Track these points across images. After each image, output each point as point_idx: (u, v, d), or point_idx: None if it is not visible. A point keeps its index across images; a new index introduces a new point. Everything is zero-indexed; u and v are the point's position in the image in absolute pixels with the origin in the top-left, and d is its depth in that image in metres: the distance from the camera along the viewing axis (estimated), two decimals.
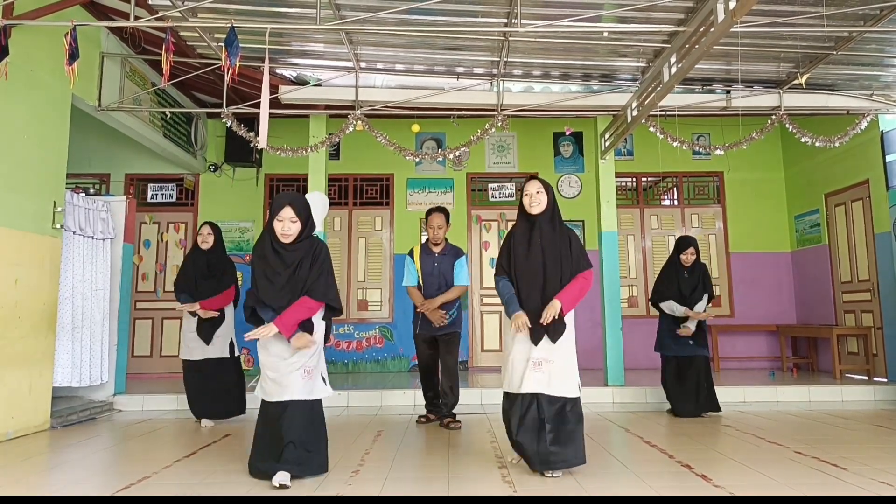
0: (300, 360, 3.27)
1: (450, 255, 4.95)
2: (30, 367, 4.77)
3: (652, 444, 4.16)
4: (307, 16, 5.13)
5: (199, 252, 5.00)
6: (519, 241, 3.51)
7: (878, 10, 4.89)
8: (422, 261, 4.94)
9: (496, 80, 6.31)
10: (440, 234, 4.92)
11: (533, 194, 3.49)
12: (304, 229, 3.30)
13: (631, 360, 7.44)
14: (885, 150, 6.74)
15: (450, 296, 4.84)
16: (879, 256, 6.82)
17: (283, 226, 3.24)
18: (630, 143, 8.71)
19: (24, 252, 4.75)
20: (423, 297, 4.89)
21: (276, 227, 3.25)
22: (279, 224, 3.24)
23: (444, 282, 4.90)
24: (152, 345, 8.12)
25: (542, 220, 3.48)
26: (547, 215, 3.49)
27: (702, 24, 4.45)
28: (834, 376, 7.01)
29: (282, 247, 3.27)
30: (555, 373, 3.33)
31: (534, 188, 3.51)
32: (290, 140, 7.11)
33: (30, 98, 4.88)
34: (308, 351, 3.28)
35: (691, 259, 5.33)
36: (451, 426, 4.79)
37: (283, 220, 3.24)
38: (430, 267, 4.92)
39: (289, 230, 3.24)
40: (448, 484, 3.21)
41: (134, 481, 3.29)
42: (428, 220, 4.97)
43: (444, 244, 4.98)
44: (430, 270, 4.91)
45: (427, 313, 4.82)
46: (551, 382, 3.32)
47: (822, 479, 3.22)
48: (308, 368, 3.28)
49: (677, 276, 5.34)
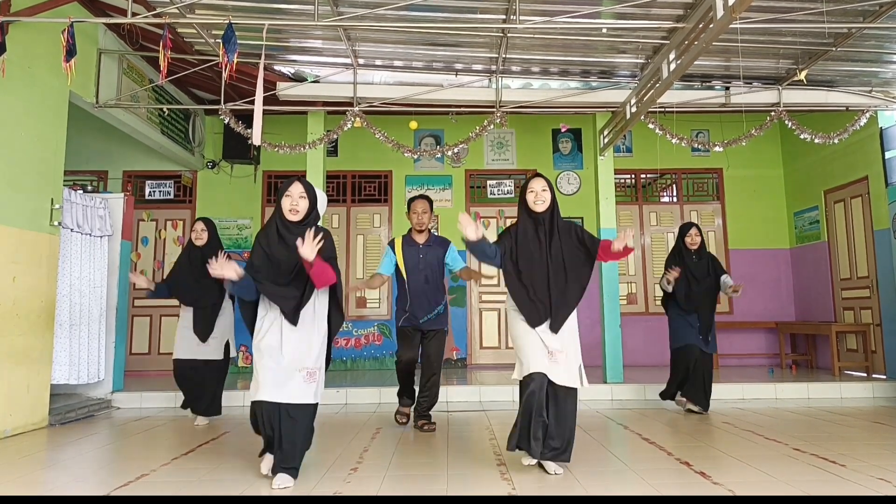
0: (302, 361, 3.16)
1: (435, 245, 4.71)
2: (28, 365, 4.76)
3: (651, 441, 4.16)
4: (305, 12, 5.12)
5: (195, 249, 4.95)
6: (529, 238, 3.46)
7: (877, 7, 4.88)
8: (405, 253, 4.67)
9: (495, 76, 6.30)
10: (424, 218, 4.67)
11: (538, 192, 3.47)
12: (311, 210, 3.26)
13: (630, 357, 7.45)
14: (884, 146, 6.74)
15: (466, 274, 4.72)
16: (878, 253, 6.81)
17: (291, 201, 3.19)
18: (629, 140, 8.70)
19: (21, 250, 4.74)
20: (411, 291, 4.63)
21: (285, 204, 3.20)
22: (287, 200, 3.19)
23: (432, 274, 4.65)
24: (150, 342, 8.12)
25: (546, 218, 3.48)
26: (549, 212, 3.49)
27: (701, 21, 4.44)
28: (833, 373, 7.02)
29: (287, 227, 3.20)
30: (563, 363, 3.34)
31: (539, 186, 3.49)
32: (289, 137, 7.10)
33: (27, 95, 4.86)
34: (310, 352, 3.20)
35: (697, 241, 5.23)
36: (424, 429, 4.57)
37: (292, 195, 3.20)
38: (416, 259, 4.64)
39: (297, 205, 3.20)
40: (447, 482, 3.21)
41: (132, 479, 3.28)
42: (411, 206, 4.72)
43: (428, 234, 4.74)
44: (415, 263, 4.64)
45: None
46: (562, 374, 3.32)
47: (820, 476, 3.22)
48: (310, 371, 3.19)
49: (685, 261, 5.22)
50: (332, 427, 4.75)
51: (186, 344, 4.89)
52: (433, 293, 4.66)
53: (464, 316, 8.30)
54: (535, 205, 3.46)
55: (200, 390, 4.91)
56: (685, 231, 5.31)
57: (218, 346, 4.94)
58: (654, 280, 8.33)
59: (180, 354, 4.91)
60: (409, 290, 4.65)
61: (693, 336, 5.18)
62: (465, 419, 5.08)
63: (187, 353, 4.88)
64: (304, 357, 3.18)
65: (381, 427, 4.77)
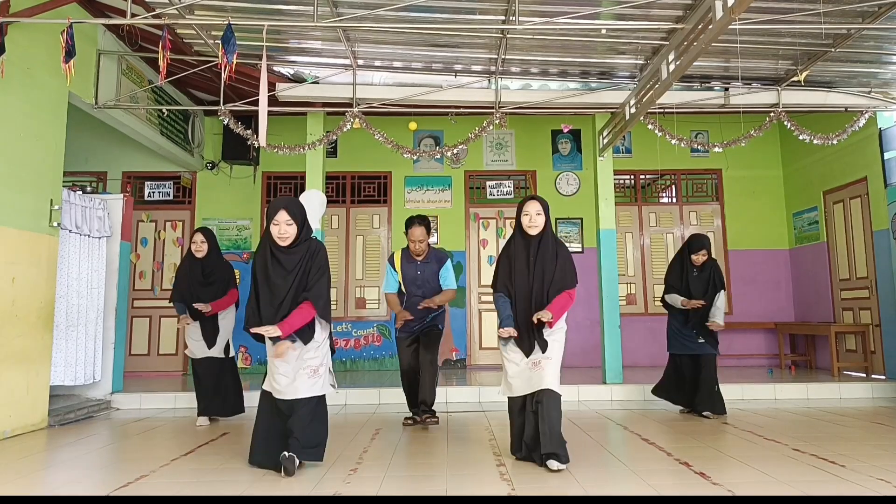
0: (304, 360, 3.39)
1: (433, 261, 4.76)
2: (27, 366, 4.76)
3: (650, 442, 4.15)
4: (304, 13, 5.12)
5: (194, 260, 4.94)
6: (520, 259, 3.63)
7: (876, 7, 4.88)
8: (403, 268, 4.75)
9: (494, 77, 6.30)
10: (421, 247, 4.68)
11: (532, 215, 3.60)
12: (300, 232, 3.40)
13: (629, 357, 7.45)
14: (883, 147, 6.74)
15: (437, 300, 4.65)
16: (878, 254, 6.82)
17: (279, 229, 3.34)
18: (628, 141, 8.70)
19: (21, 250, 4.74)
20: (409, 303, 4.73)
21: (273, 231, 3.35)
22: (275, 228, 3.34)
23: (429, 288, 4.73)
24: (150, 343, 8.10)
25: (537, 241, 3.61)
26: (541, 235, 3.62)
27: (700, 21, 4.45)
28: (832, 374, 7.02)
29: (280, 251, 3.37)
30: (549, 367, 3.48)
31: (534, 210, 3.61)
32: (288, 138, 7.10)
33: (26, 96, 4.86)
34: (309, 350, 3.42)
35: (702, 260, 5.24)
36: (426, 421, 4.64)
37: (279, 223, 3.34)
38: (413, 274, 4.73)
39: (285, 233, 3.34)
40: (446, 482, 3.21)
41: (132, 480, 3.28)
42: (408, 232, 4.71)
43: (427, 250, 4.76)
44: (412, 278, 4.73)
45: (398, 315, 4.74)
46: (546, 378, 3.45)
47: (820, 477, 3.22)
48: (313, 367, 3.41)
49: (686, 275, 5.26)
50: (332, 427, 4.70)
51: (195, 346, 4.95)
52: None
53: (463, 317, 8.29)
54: (528, 229, 3.62)
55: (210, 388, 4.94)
56: (694, 248, 5.23)
57: (220, 345, 4.98)
58: (654, 281, 8.34)
59: (191, 355, 4.98)
60: (406, 303, 4.78)
61: (688, 346, 5.21)
62: (465, 419, 5.08)
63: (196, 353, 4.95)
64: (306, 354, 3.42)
65: (381, 427, 4.77)
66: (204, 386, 4.96)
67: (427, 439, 4.36)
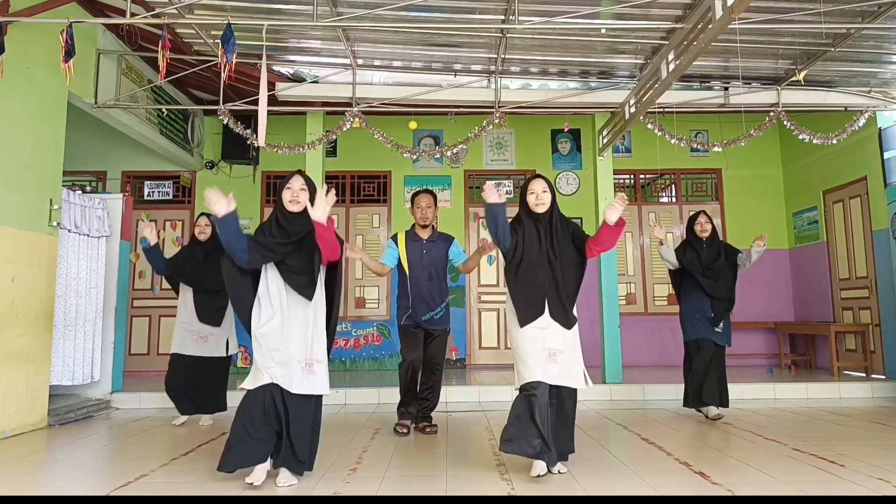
0: (301, 353, 3.16)
1: (439, 241, 4.63)
2: (27, 365, 4.75)
3: (650, 442, 4.15)
4: (304, 12, 5.11)
5: (198, 243, 5.00)
6: (532, 238, 3.47)
7: (875, 7, 4.88)
8: (408, 249, 4.57)
9: (494, 76, 6.30)
10: (429, 213, 4.57)
11: (539, 193, 3.48)
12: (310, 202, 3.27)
13: (629, 357, 7.45)
14: (882, 146, 6.74)
15: (471, 263, 4.67)
16: (877, 253, 6.82)
17: (292, 193, 3.26)
18: (628, 140, 8.70)
19: (20, 250, 4.74)
20: (413, 287, 4.53)
21: (285, 196, 3.26)
22: (288, 192, 3.26)
23: (435, 270, 4.56)
24: (149, 342, 8.10)
25: (546, 218, 3.50)
26: (549, 213, 3.50)
27: (700, 21, 4.45)
28: (832, 373, 7.02)
29: (287, 219, 3.26)
30: (566, 364, 3.31)
31: (539, 187, 3.50)
32: (287, 137, 7.09)
33: (26, 95, 4.86)
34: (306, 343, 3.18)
35: (707, 228, 5.05)
36: (426, 431, 4.50)
37: (293, 188, 3.27)
38: (419, 255, 4.55)
39: (298, 197, 3.25)
40: (446, 482, 3.21)
41: (131, 479, 3.28)
42: (415, 200, 4.61)
43: (432, 230, 4.66)
44: (418, 259, 4.54)
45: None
46: (562, 374, 3.29)
47: (819, 477, 3.22)
48: (309, 362, 3.17)
49: (696, 249, 5.05)
50: (332, 427, 4.74)
51: (185, 340, 4.89)
52: (437, 290, 4.58)
53: (463, 316, 8.29)
54: (535, 207, 3.48)
55: (201, 387, 4.90)
56: (694, 219, 5.12)
57: (217, 343, 4.94)
58: (654, 280, 8.34)
59: (178, 350, 4.90)
60: (410, 287, 4.55)
61: (706, 329, 4.96)
62: (465, 419, 5.08)
63: (186, 349, 4.88)
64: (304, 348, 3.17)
65: (381, 427, 4.76)
66: (187, 385, 4.86)
67: (427, 439, 4.36)
